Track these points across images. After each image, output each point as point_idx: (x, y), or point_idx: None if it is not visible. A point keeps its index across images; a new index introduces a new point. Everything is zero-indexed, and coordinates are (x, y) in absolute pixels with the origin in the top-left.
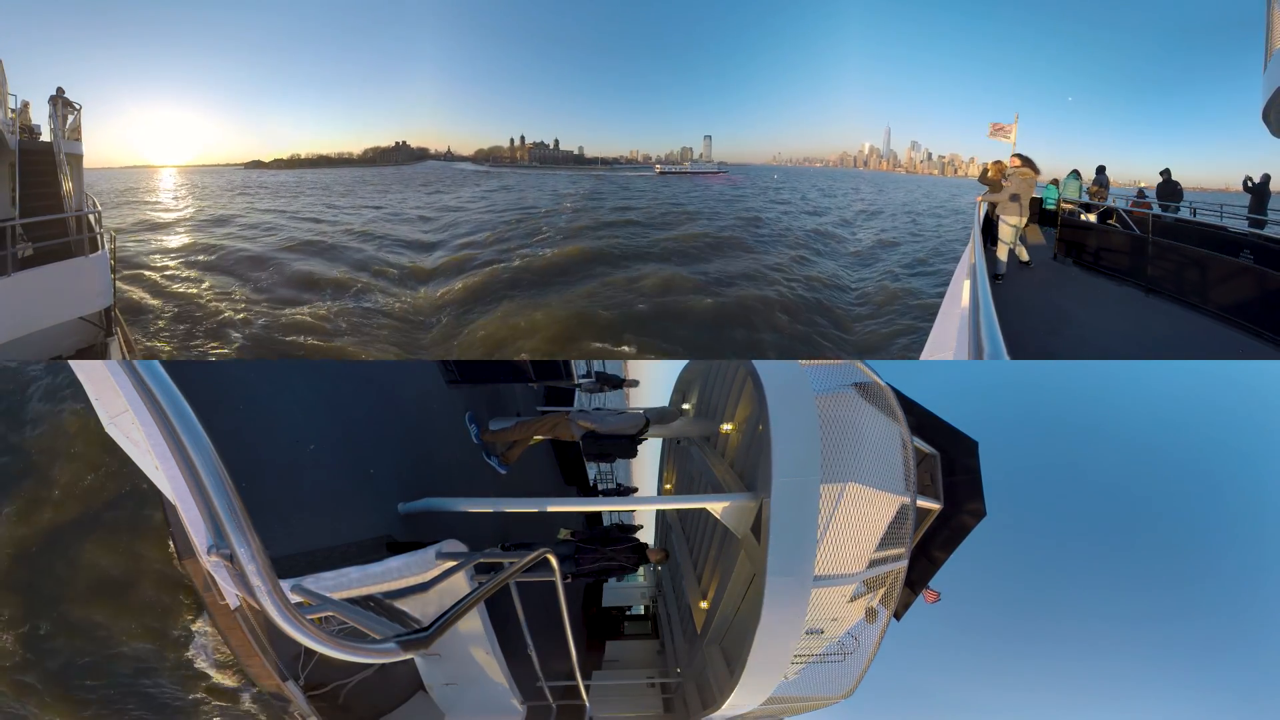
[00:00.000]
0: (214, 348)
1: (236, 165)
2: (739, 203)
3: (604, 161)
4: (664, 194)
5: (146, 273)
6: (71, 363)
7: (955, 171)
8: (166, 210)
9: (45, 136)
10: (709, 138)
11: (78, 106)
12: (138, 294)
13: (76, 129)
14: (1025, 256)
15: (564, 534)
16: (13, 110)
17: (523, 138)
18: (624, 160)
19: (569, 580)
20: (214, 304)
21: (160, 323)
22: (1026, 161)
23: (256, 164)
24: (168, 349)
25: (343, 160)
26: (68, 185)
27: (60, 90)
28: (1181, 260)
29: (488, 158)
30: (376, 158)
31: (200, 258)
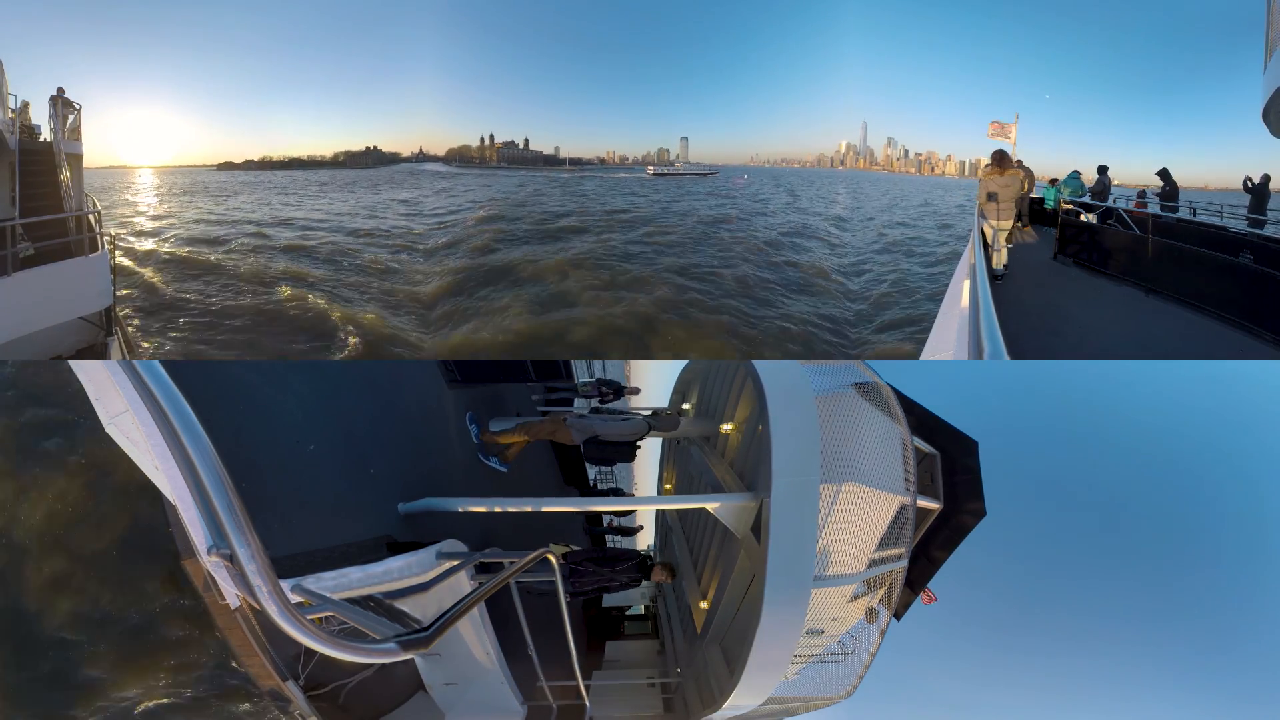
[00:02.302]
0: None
1: (209, 166)
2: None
3: (574, 162)
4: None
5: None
6: (71, 363)
7: (932, 170)
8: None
9: (45, 136)
10: (685, 139)
11: (78, 106)
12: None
13: (76, 129)
14: (1002, 260)
15: (557, 551)
16: (13, 110)
17: (492, 136)
18: (600, 161)
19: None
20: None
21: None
22: (999, 160)
23: (228, 165)
24: (174, 334)
25: (314, 162)
26: (68, 185)
27: (60, 90)
28: (1181, 260)
29: (455, 157)
30: (347, 160)
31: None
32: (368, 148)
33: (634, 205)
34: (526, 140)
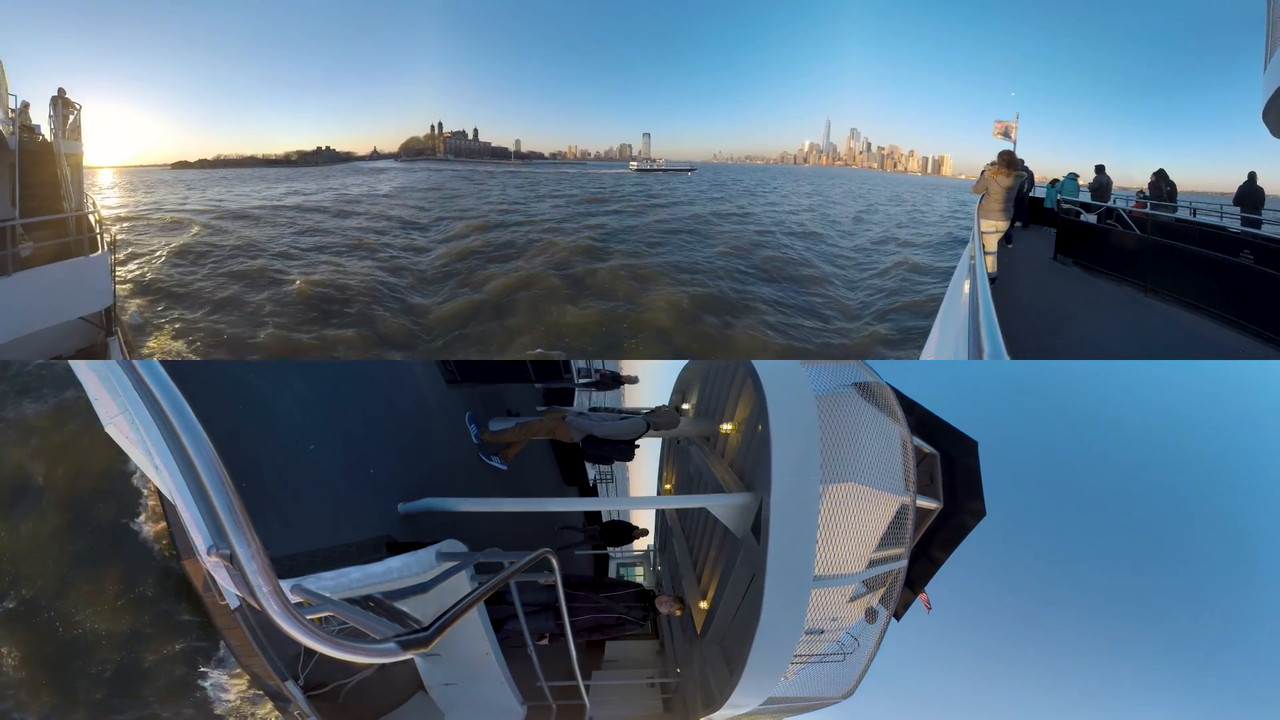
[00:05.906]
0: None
1: (164, 166)
2: None
3: (520, 155)
4: None
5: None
6: (71, 363)
7: (895, 165)
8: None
9: (45, 136)
10: (648, 135)
11: (78, 106)
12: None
13: (76, 129)
14: (990, 267)
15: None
16: (13, 110)
17: (440, 125)
18: (557, 156)
19: (545, 641)
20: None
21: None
22: (1008, 161)
23: (182, 164)
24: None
25: (267, 161)
26: (67, 185)
27: (61, 90)
28: (1181, 260)
29: (404, 152)
30: (299, 159)
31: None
32: (319, 148)
33: None
34: (476, 130)
